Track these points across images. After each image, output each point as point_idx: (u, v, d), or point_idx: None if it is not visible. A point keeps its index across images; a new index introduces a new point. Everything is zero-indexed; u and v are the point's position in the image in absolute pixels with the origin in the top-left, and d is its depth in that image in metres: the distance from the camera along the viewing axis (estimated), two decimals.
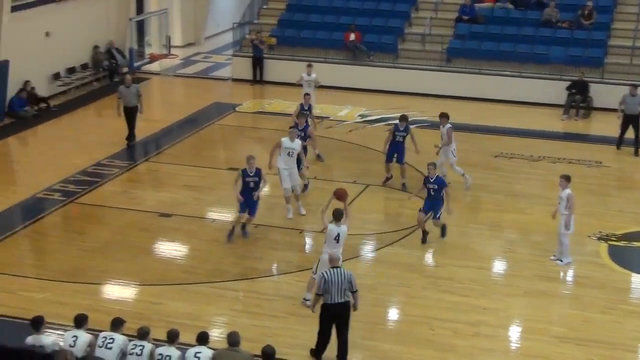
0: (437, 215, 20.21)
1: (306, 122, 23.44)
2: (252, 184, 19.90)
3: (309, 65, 28.57)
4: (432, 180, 20.14)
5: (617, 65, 32.16)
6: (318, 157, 25.16)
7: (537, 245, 20.23)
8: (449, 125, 23.26)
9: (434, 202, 20.19)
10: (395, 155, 23.43)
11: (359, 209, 22.22)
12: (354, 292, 15.03)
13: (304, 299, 17.14)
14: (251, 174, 19.87)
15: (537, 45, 33.20)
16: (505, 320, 17.06)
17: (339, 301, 14.88)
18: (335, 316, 15.02)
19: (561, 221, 18.95)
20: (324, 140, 27.30)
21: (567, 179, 19.05)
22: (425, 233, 20.17)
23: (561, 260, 19.22)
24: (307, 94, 26.05)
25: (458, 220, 21.52)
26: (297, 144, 21.48)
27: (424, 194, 20.36)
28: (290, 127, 22.16)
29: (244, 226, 20.24)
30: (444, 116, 23.51)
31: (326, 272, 14.91)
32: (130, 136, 26.70)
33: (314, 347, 15.32)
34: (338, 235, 16.76)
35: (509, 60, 32.92)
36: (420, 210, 20.22)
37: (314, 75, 28.18)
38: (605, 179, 24.81)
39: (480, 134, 27.34)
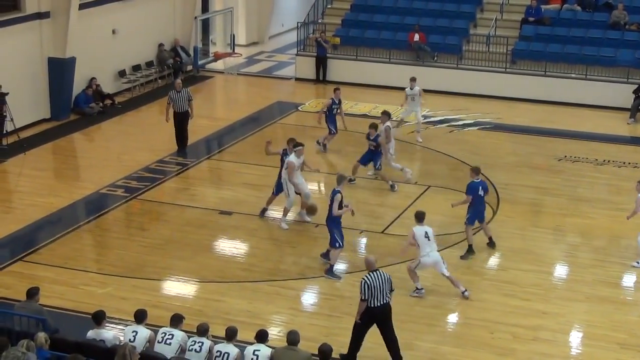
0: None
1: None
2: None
3: (413, 79, 27.37)
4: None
5: None
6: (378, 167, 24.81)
7: (599, 251, 19.99)
8: (388, 124, 23.55)
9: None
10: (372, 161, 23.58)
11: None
12: (391, 291, 15.14)
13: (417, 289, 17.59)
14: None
15: (604, 47, 32.79)
16: (566, 325, 16.86)
17: (382, 303, 14.92)
18: (376, 318, 15.04)
19: None
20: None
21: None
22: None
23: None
24: (337, 88, 26.43)
25: (520, 224, 21.37)
26: (302, 159, 21.05)
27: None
28: (297, 145, 21.07)
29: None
30: (385, 114, 23.92)
31: (367, 277, 14.90)
32: (182, 141, 26.20)
33: (345, 352, 15.24)
34: (426, 233, 17.39)
35: (575, 62, 32.54)
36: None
37: (417, 89, 27.13)
38: None
39: (545, 137, 27.08)
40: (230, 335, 13.52)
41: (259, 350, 13.32)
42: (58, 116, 28.94)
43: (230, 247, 20.28)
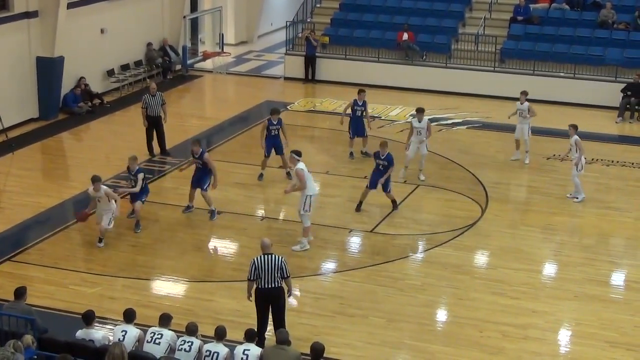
0: (389, 189, 21.57)
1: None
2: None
3: (524, 93, 25.68)
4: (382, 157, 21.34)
5: None
6: (365, 154, 25.20)
7: (589, 249, 20.04)
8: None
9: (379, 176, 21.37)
10: (274, 149, 23.76)
11: (408, 209, 22.17)
12: (286, 278, 15.37)
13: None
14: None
15: (592, 46, 32.86)
16: (555, 324, 16.89)
17: (271, 286, 15.26)
18: (266, 300, 15.41)
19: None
20: (375, 140, 27.26)
21: (574, 127, 22.55)
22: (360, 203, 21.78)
23: (577, 198, 22.09)
24: (362, 90, 25.79)
25: (510, 222, 21.41)
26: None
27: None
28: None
29: None
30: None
31: (257, 259, 15.32)
32: (161, 144, 25.86)
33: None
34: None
35: (563, 61, 32.61)
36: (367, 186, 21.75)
37: (526, 104, 25.55)
38: None
39: (533, 136, 27.01)
40: (220, 334, 13.50)
41: (249, 350, 13.31)
42: (46, 115, 28.88)
43: (219, 246, 20.27)
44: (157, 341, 13.53)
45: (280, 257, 15.41)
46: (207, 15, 39.20)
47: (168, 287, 18.09)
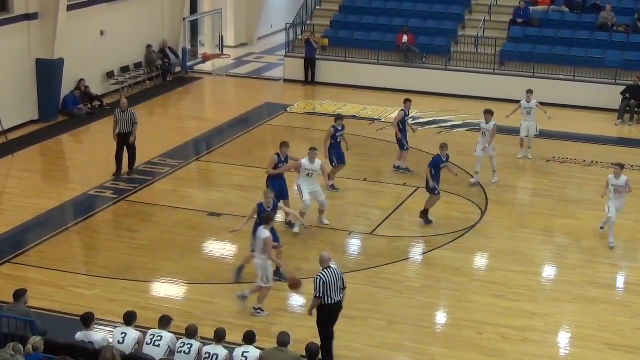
0: None
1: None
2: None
3: (529, 92, 26.01)
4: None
5: None
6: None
7: (588, 251, 20.04)
8: None
9: None
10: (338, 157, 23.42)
11: (409, 211, 22.19)
12: (344, 289, 15.23)
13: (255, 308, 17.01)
14: (268, 209, 18.14)
15: (592, 49, 32.88)
16: (554, 326, 16.90)
17: (336, 300, 15.09)
18: (335, 315, 15.24)
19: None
20: (375, 142, 27.34)
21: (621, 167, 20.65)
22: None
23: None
24: (408, 100, 24.88)
25: (509, 225, 21.42)
26: (318, 164, 20.85)
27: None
28: (311, 149, 21.09)
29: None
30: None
31: (322, 274, 14.99)
32: (131, 160, 24.33)
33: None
34: None
35: (563, 64, 32.64)
36: None
37: (533, 102, 25.89)
38: None
39: (533, 138, 27.07)
40: (219, 336, 13.50)
41: (248, 352, 13.31)
42: (46, 118, 28.89)
43: (219, 248, 20.28)
44: (156, 343, 13.54)
45: (338, 268, 15.30)
46: (206, 17, 39.19)
47: (167, 289, 18.09)
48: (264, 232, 16.76)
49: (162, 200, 22.58)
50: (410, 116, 25.39)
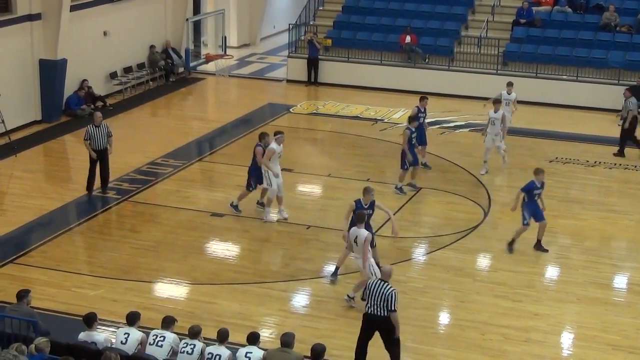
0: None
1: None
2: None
3: (510, 84, 26.96)
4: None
5: None
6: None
7: (591, 252, 20.04)
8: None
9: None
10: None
11: (411, 211, 22.20)
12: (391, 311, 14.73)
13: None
14: (365, 206, 18.17)
15: (595, 49, 32.88)
16: (557, 326, 16.89)
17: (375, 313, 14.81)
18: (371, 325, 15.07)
19: None
20: (378, 143, 27.36)
21: None
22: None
23: None
24: (424, 97, 25.09)
25: (512, 225, 21.35)
26: (282, 147, 21.12)
27: None
28: (277, 133, 21.26)
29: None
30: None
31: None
32: (103, 181, 22.97)
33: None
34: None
35: (566, 64, 32.64)
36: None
37: (514, 94, 26.61)
38: None
39: (536, 139, 27.12)
40: (222, 337, 13.51)
41: (251, 353, 13.29)
42: (49, 118, 28.91)
43: (221, 249, 20.28)
44: (159, 344, 13.53)
45: (389, 288, 14.67)
46: (209, 17, 39.21)
47: (171, 290, 18.10)
48: (363, 232, 16.84)
49: (165, 201, 22.59)
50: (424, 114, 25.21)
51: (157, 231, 20.78)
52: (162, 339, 13.58)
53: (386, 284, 14.67)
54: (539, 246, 19.96)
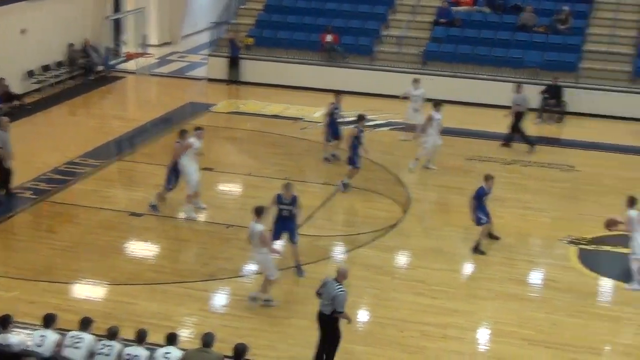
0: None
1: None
2: (285, 212, 18.45)
3: (416, 80, 27.97)
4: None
5: (592, 70, 32.36)
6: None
7: (508, 248, 20.32)
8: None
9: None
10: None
11: (331, 210, 22.30)
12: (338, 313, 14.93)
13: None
14: (286, 201, 18.44)
15: (513, 49, 33.37)
16: (475, 322, 17.11)
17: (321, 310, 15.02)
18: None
19: None
20: (298, 141, 27.42)
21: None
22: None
23: None
24: (339, 92, 26.00)
25: (431, 223, 21.63)
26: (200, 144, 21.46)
27: None
28: (197, 129, 21.69)
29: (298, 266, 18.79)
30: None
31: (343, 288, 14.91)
32: (7, 185, 22.49)
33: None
34: None
35: (484, 64, 33.07)
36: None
37: (421, 90, 27.55)
38: (577, 183, 24.94)
39: (454, 137, 27.40)
40: (141, 337, 13.44)
41: (170, 353, 13.24)
42: None
43: (141, 248, 20.15)
44: (77, 345, 13.40)
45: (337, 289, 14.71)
46: (129, 16, 38.92)
47: (88, 291, 17.92)
48: (258, 226, 16.78)
49: (83, 201, 22.35)
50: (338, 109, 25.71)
51: (75, 231, 20.56)
52: (79, 340, 13.45)
53: (337, 284, 14.74)
54: (476, 249, 20.23)
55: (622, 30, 34.04)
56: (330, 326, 14.90)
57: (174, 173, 21.31)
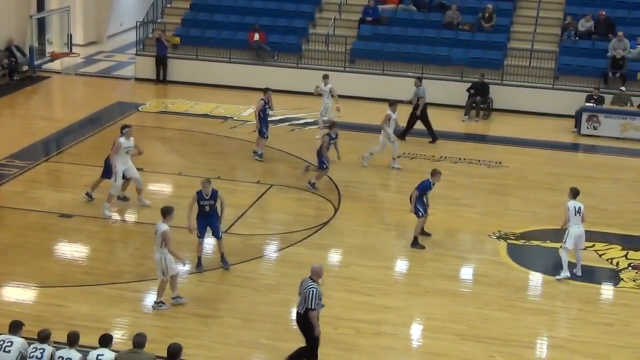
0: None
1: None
2: (207, 208, 18.63)
3: (326, 77, 28.37)
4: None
5: (516, 67, 32.80)
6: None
7: (438, 244, 20.52)
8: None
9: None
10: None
11: (262, 209, 22.31)
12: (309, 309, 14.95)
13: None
14: (207, 197, 18.58)
15: (439, 47, 33.68)
16: (407, 319, 17.26)
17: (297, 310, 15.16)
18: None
19: None
20: (228, 141, 27.36)
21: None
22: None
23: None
24: (268, 89, 26.13)
25: (362, 220, 21.73)
26: (133, 141, 21.63)
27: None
28: (124, 127, 21.80)
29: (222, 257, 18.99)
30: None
31: (318, 286, 14.95)
32: None
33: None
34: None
35: (411, 61, 33.30)
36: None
37: (328, 86, 27.93)
38: (505, 178, 25.27)
39: (414, 138, 27.61)
40: (73, 340, 13.29)
41: (103, 355, 13.13)
42: None
43: (71, 250, 19.92)
44: (6, 349, 13.22)
45: (309, 286, 14.81)
46: (54, 15, 38.42)
47: (18, 294, 17.68)
48: (162, 226, 16.73)
49: (10, 203, 22.04)
50: (269, 105, 25.69)
51: (3, 234, 20.26)
52: (9, 344, 13.27)
53: (310, 282, 14.85)
54: (415, 243, 20.40)
55: (545, 28, 34.60)
56: (305, 325, 14.98)
57: (106, 166, 21.71)
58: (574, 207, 18.92)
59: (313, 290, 14.73)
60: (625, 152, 28.34)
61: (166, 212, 17.02)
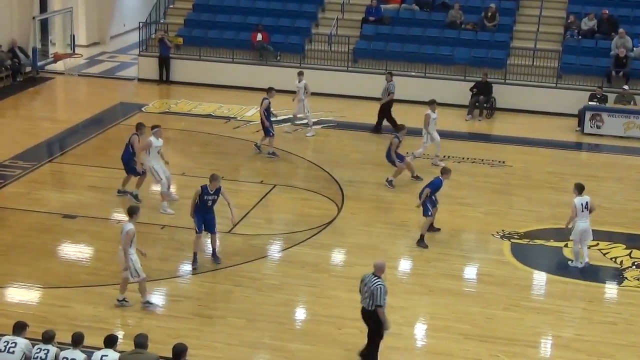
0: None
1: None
2: (210, 202, 18.81)
3: (300, 73, 28.56)
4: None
5: (519, 67, 32.77)
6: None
7: (442, 244, 20.51)
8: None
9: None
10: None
11: (266, 209, 22.31)
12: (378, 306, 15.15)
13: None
14: (211, 192, 18.73)
15: (441, 46, 33.65)
16: (411, 318, 17.26)
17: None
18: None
19: None
20: (231, 141, 27.36)
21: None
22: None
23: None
24: (271, 88, 26.51)
25: (365, 220, 21.71)
26: (162, 141, 22.03)
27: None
28: (154, 127, 22.15)
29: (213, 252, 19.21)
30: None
31: (384, 282, 15.14)
32: None
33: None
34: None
35: (414, 61, 33.29)
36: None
37: (303, 82, 28.08)
38: (509, 178, 25.25)
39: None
40: (77, 341, 13.30)
41: (107, 356, 13.13)
42: None
43: (74, 251, 19.93)
44: (11, 350, 13.22)
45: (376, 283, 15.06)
46: (57, 16, 38.40)
47: (22, 294, 17.69)
48: (127, 225, 16.73)
49: (14, 204, 22.05)
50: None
51: (7, 235, 20.27)
52: (13, 345, 13.27)
53: (376, 278, 15.01)
54: (420, 241, 20.44)
55: (548, 27, 34.58)
56: (372, 320, 15.18)
57: (128, 162, 21.99)
58: (581, 203, 19.02)
59: (380, 288, 14.93)
60: (629, 150, 28.32)
61: (132, 212, 17.05)
